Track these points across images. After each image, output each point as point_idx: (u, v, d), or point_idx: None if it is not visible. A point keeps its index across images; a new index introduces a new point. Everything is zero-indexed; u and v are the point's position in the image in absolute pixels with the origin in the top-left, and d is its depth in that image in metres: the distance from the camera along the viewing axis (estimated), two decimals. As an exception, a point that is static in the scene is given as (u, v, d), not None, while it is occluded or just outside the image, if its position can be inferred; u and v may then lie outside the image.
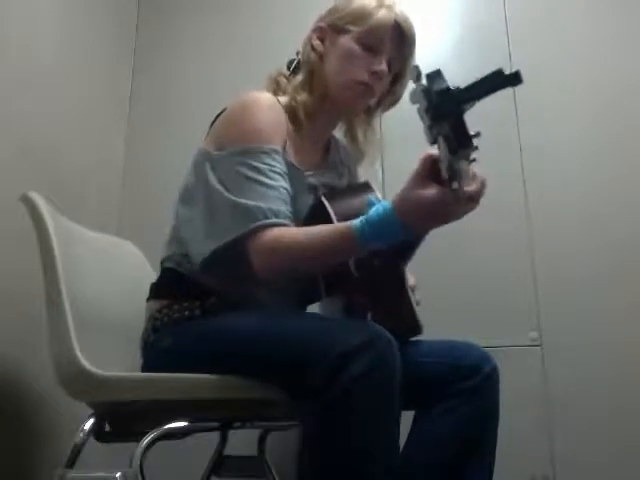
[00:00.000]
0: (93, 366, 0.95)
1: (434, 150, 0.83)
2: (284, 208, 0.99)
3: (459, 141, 0.69)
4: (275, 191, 0.99)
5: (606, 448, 1.50)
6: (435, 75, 0.71)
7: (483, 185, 0.86)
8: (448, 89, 0.69)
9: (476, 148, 0.70)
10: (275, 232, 0.96)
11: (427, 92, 0.71)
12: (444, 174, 0.78)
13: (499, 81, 0.67)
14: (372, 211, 0.90)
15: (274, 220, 0.96)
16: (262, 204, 0.97)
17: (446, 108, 0.69)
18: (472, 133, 0.69)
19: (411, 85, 0.78)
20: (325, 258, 0.97)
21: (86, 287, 1.12)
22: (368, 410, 0.81)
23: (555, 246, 1.68)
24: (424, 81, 0.72)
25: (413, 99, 0.75)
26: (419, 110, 0.75)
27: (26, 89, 1.49)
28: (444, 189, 0.82)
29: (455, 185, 0.77)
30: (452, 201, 0.83)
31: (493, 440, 1.05)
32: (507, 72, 0.67)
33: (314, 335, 0.88)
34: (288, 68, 1.22)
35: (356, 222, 0.90)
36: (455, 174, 0.75)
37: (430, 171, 0.85)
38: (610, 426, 1.52)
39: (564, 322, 1.61)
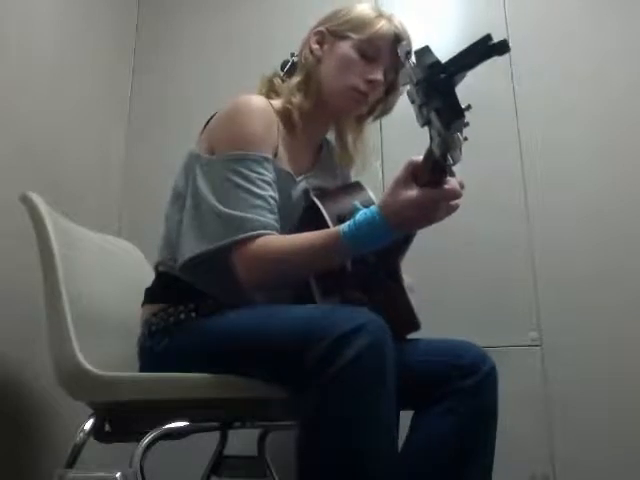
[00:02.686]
0: (93, 366, 0.96)
1: (416, 157, 0.87)
2: (270, 218, 0.99)
3: (452, 113, 0.69)
4: (263, 201, 0.99)
5: (606, 448, 1.51)
6: (424, 50, 0.72)
7: (461, 185, 0.90)
8: (438, 62, 0.70)
9: (467, 124, 0.70)
10: (260, 242, 0.96)
11: (417, 68, 0.72)
12: (436, 152, 0.78)
13: (486, 49, 0.67)
14: (359, 215, 0.92)
15: (260, 232, 0.97)
16: (249, 215, 0.97)
17: (437, 80, 0.69)
18: (463, 106, 0.69)
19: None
20: (313, 264, 0.98)
21: (86, 287, 1.12)
22: (360, 396, 0.80)
23: (555, 246, 1.68)
24: (413, 58, 0.72)
25: (403, 79, 0.76)
26: (409, 92, 0.76)
27: (26, 89, 1.49)
28: (426, 190, 0.86)
29: (450, 161, 0.77)
30: (433, 202, 0.87)
31: (492, 439, 1.04)
32: (494, 40, 0.67)
33: (310, 325, 0.87)
34: (282, 69, 1.22)
35: (344, 227, 0.92)
36: (449, 149, 0.75)
37: (412, 175, 0.89)
38: (610, 426, 1.52)
39: (564, 322, 1.61)
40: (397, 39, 1.14)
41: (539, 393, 1.57)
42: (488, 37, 0.67)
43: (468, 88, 0.75)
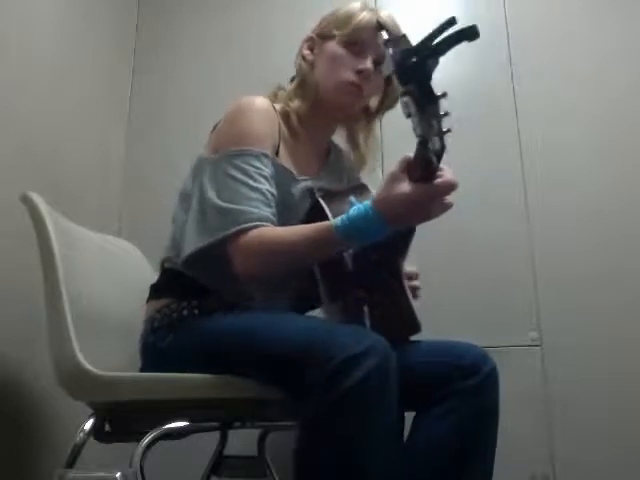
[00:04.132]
0: (93, 366, 0.96)
1: (410, 153, 0.87)
2: (266, 211, 1.00)
3: (425, 97, 0.70)
4: (259, 194, 1.01)
5: (606, 448, 1.50)
6: (397, 39, 0.72)
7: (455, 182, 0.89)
8: (408, 47, 0.71)
9: (447, 114, 0.71)
10: (254, 233, 0.98)
11: (393, 56, 0.72)
12: (418, 140, 0.78)
13: (456, 35, 0.69)
14: (352, 210, 0.93)
15: (255, 223, 0.98)
16: (244, 207, 0.99)
17: (409, 65, 0.70)
18: (439, 93, 0.70)
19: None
20: (305, 257, 1.00)
21: (86, 287, 1.12)
22: (365, 416, 0.81)
23: (555, 246, 1.68)
24: (390, 48, 0.73)
25: (386, 68, 0.76)
26: (396, 84, 0.76)
27: (26, 89, 1.49)
28: (418, 186, 0.88)
29: (431, 146, 0.77)
30: (426, 198, 0.88)
31: (493, 440, 1.04)
32: (459, 23, 0.69)
33: (314, 338, 0.88)
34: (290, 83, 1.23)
35: (337, 220, 0.93)
36: (427, 135, 0.75)
37: (406, 171, 0.90)
38: (610, 426, 1.52)
39: (564, 322, 1.61)
40: (380, 27, 1.15)
41: (539, 393, 1.56)
42: (452, 20, 0.69)
43: (468, 88, 0.75)
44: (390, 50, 0.73)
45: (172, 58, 2.07)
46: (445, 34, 0.69)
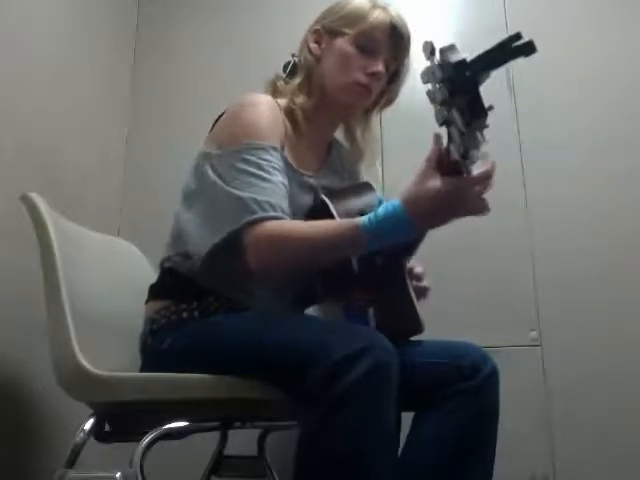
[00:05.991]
0: (93, 366, 0.96)
1: (440, 145, 0.84)
2: (282, 202, 0.98)
3: (475, 111, 0.68)
4: (273, 185, 0.99)
5: (606, 448, 1.50)
6: (450, 48, 0.71)
7: (493, 167, 0.85)
8: (464, 60, 0.69)
9: (488, 126, 0.70)
10: (272, 224, 0.95)
11: (442, 66, 0.70)
12: (455, 154, 0.76)
13: (512, 50, 0.66)
14: (380, 208, 0.90)
15: (271, 213, 0.95)
16: (259, 197, 0.96)
17: (462, 78, 0.68)
18: (486, 106, 0.69)
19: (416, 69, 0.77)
20: (327, 253, 0.96)
21: (86, 287, 1.12)
22: (364, 415, 0.81)
23: (555, 246, 1.67)
24: (438, 56, 0.71)
25: (425, 77, 0.74)
26: (430, 91, 0.74)
27: (26, 89, 1.49)
28: (451, 179, 0.83)
29: (469, 162, 0.75)
30: (460, 190, 0.84)
31: (493, 440, 1.04)
32: (520, 41, 0.66)
33: (314, 338, 0.88)
34: (284, 70, 1.22)
35: (364, 219, 0.90)
36: (469, 148, 0.73)
37: (436, 166, 0.86)
38: (610, 426, 1.52)
39: (564, 322, 1.61)
40: (394, 28, 1.14)
41: (539, 393, 1.56)
42: (517, 36, 0.66)
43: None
44: (437, 59, 0.72)
45: (172, 58, 2.07)
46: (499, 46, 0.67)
